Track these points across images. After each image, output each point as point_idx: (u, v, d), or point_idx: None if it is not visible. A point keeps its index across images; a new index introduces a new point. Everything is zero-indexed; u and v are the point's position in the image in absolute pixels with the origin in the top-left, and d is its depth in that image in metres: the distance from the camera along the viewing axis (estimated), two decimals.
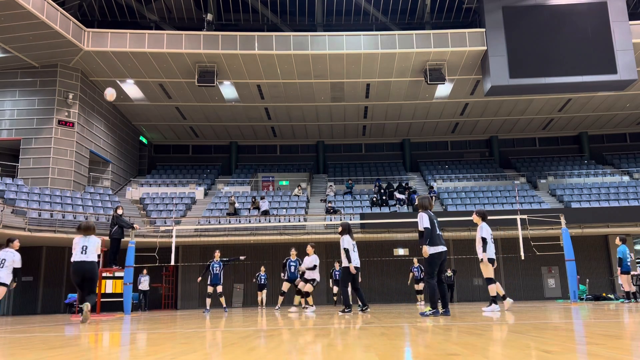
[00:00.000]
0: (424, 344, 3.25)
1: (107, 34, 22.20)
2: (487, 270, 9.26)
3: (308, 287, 12.76)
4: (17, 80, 22.98)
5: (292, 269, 14.19)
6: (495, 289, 9.30)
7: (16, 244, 9.73)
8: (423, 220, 7.46)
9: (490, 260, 9.19)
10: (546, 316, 6.60)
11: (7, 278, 9.32)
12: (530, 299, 22.68)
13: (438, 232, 7.54)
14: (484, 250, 9.18)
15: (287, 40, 22.45)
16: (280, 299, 14.56)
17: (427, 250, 7.39)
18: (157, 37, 22.22)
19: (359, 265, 10.08)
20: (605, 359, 2.34)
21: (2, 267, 8.86)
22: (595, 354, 2.52)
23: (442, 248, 7.48)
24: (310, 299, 12.81)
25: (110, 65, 22.92)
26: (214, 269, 14.73)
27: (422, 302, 17.13)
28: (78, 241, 8.54)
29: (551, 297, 23.17)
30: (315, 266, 12.56)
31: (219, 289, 14.72)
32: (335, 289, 19.52)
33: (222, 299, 15.00)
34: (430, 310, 7.35)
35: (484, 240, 9.24)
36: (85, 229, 8.67)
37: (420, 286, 17.67)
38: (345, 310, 9.50)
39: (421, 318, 6.90)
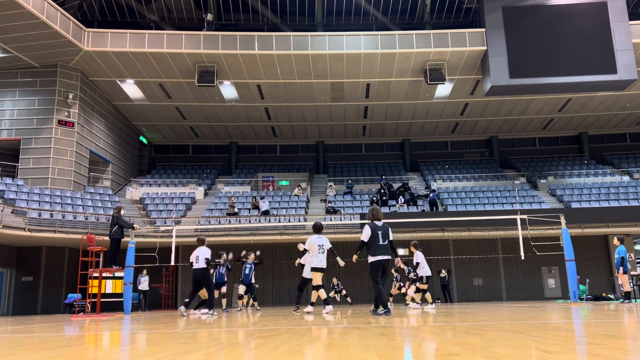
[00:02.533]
0: (423, 344, 3.25)
1: (107, 34, 22.20)
2: (316, 278, 10.42)
3: (413, 287, 13.96)
4: (17, 80, 22.98)
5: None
6: (324, 293, 10.39)
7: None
8: (363, 233, 8.30)
9: (321, 269, 10.22)
10: (546, 316, 6.60)
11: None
12: (530, 299, 22.68)
13: (381, 242, 8.14)
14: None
15: (287, 40, 22.44)
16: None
17: (356, 258, 8.50)
18: (157, 37, 22.22)
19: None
20: (605, 359, 2.34)
21: (197, 261, 11.19)
22: (595, 354, 2.52)
23: (380, 257, 8.13)
24: (416, 296, 13.77)
25: (110, 65, 22.93)
26: (220, 269, 14.93)
27: (411, 303, 17.04)
28: (195, 251, 11.25)
29: (551, 297, 23.16)
30: (417, 264, 13.30)
31: (223, 289, 14.85)
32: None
33: (224, 300, 15.09)
34: (382, 310, 7.97)
35: (306, 251, 10.43)
36: (200, 241, 11.48)
37: (402, 290, 17.50)
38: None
39: (420, 318, 6.91)
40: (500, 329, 4.40)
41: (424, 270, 13.15)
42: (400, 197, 25.01)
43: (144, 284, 20.87)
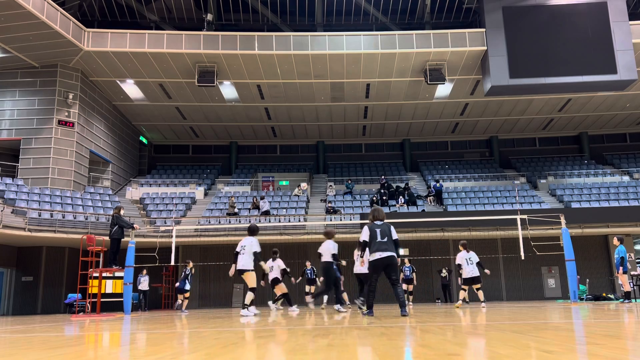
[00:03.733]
0: (424, 344, 3.25)
1: (107, 34, 22.20)
2: (252, 280, 10.24)
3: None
4: (17, 80, 22.97)
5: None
6: (250, 296, 10.35)
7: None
8: (362, 234, 8.03)
9: (239, 272, 10.12)
10: (546, 316, 6.60)
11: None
12: (530, 299, 22.68)
13: (379, 239, 7.80)
14: (235, 261, 10.22)
15: (287, 40, 22.44)
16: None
17: (365, 260, 8.18)
18: (157, 37, 22.21)
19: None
20: (605, 359, 2.34)
21: (324, 255, 10.87)
22: (595, 354, 2.52)
23: (378, 255, 7.73)
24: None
25: (110, 65, 22.92)
26: (188, 276, 16.59)
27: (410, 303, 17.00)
28: (324, 244, 10.87)
29: (551, 297, 23.16)
30: (458, 265, 13.27)
31: (187, 294, 16.67)
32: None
33: (185, 302, 16.64)
34: (366, 311, 7.89)
35: (255, 254, 10.23)
36: (328, 234, 11.01)
37: (409, 287, 17.37)
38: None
39: (421, 319, 6.91)
40: (500, 329, 4.40)
41: (465, 271, 13.00)
42: (400, 197, 25.03)
43: (144, 284, 20.86)
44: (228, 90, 25.24)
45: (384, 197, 25.01)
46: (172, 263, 15.19)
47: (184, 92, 25.41)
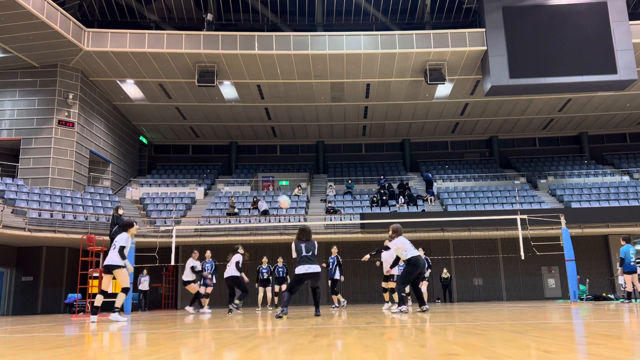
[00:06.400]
0: (424, 344, 3.25)
1: (107, 34, 22.20)
2: (124, 278, 9.78)
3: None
4: (17, 80, 22.97)
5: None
6: (100, 299, 9.89)
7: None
8: (292, 250, 8.78)
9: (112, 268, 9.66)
10: (546, 316, 6.60)
11: None
12: (530, 299, 22.68)
13: (304, 254, 8.56)
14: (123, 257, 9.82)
15: (287, 40, 22.45)
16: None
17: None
18: (157, 37, 22.21)
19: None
20: (605, 359, 2.34)
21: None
22: (595, 354, 2.52)
23: (303, 269, 8.39)
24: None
25: (110, 65, 22.93)
26: (207, 269, 14.77)
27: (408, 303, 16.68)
28: None
29: (551, 297, 23.16)
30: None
31: (209, 290, 14.58)
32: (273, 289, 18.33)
33: (206, 300, 14.43)
34: (281, 310, 8.47)
35: (121, 249, 9.67)
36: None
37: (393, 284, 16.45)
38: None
39: (422, 318, 6.91)
40: (500, 329, 4.40)
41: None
42: (400, 197, 25.04)
43: (144, 284, 20.87)
44: (228, 90, 25.24)
45: (384, 197, 25.01)
46: (172, 263, 15.18)
47: (184, 92, 25.41)
